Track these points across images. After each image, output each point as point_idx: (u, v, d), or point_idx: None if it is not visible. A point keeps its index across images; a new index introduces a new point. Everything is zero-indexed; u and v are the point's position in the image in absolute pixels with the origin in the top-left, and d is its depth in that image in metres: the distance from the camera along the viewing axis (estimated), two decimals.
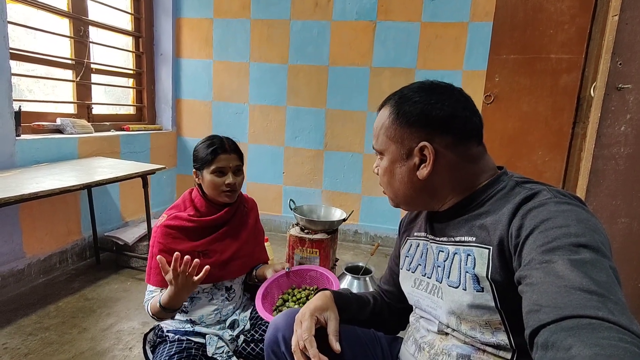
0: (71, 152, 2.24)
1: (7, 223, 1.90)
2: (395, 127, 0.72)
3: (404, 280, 0.84)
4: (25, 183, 1.62)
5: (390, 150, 0.73)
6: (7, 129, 1.88)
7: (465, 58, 2.67)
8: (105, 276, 2.19)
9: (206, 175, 1.25)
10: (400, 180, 0.73)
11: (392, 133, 0.72)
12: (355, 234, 3.03)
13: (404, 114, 0.71)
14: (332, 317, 0.78)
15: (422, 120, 0.69)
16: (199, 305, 1.27)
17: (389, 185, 0.76)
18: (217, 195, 1.26)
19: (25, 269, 2.01)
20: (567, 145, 2.12)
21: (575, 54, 2.15)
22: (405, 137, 0.71)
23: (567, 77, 2.18)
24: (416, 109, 0.70)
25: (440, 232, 0.76)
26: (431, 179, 0.71)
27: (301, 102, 2.98)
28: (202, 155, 1.25)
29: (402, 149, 0.71)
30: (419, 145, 0.69)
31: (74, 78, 2.41)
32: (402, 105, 0.71)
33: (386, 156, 0.75)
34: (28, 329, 1.67)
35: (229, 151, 1.27)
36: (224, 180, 1.25)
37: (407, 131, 0.70)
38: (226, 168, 1.26)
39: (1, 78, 1.83)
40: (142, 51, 2.98)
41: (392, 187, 0.76)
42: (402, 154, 0.72)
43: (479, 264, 0.64)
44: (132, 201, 2.65)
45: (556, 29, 2.17)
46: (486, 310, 0.63)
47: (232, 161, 1.27)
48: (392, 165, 0.74)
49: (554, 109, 2.16)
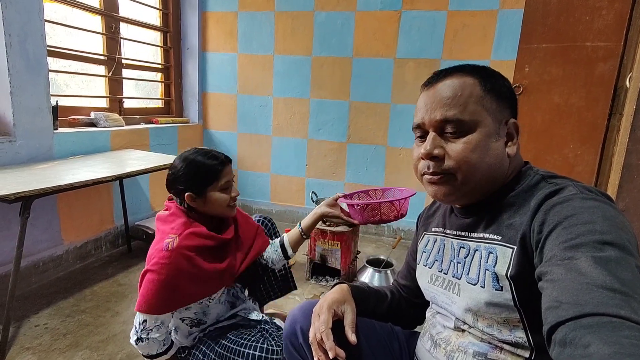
0: (104, 145, 2.35)
1: (46, 212, 2.02)
2: (490, 98, 0.67)
3: (421, 275, 0.84)
4: (62, 174, 1.72)
5: (486, 122, 0.66)
6: (46, 123, 1.99)
7: (493, 48, 2.58)
8: (136, 263, 2.30)
9: (213, 194, 1.14)
10: (496, 157, 0.67)
11: (488, 104, 0.67)
12: (377, 227, 3.02)
13: (494, 87, 0.68)
14: (349, 310, 0.79)
15: (509, 96, 0.69)
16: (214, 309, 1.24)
17: (479, 162, 0.66)
18: (223, 211, 1.18)
19: (63, 255, 2.14)
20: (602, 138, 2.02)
21: (613, 42, 2.04)
22: (500, 111, 0.68)
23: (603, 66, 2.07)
24: (505, 84, 0.70)
25: (461, 228, 0.75)
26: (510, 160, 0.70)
27: (324, 94, 2.98)
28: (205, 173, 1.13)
29: (496, 122, 0.68)
30: (510, 121, 0.69)
31: (106, 73, 2.51)
32: (488, 78, 0.69)
33: (480, 129, 0.66)
34: (66, 310, 1.78)
35: (228, 160, 1.18)
36: (230, 194, 1.18)
37: (500, 105, 0.68)
38: (230, 181, 1.18)
39: (40, 74, 1.93)
40: (170, 46, 3.06)
41: (482, 166, 0.66)
42: (497, 128, 0.68)
43: (500, 263, 0.63)
44: (161, 192, 2.75)
45: (593, 15, 2.06)
46: (504, 308, 0.63)
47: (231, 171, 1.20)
48: (488, 140, 0.66)
49: (587, 100, 2.06)
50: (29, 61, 1.87)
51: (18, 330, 1.62)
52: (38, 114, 1.95)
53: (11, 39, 1.77)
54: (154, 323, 1.07)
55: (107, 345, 1.56)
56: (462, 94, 0.66)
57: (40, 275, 2.01)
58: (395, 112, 2.84)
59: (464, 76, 0.68)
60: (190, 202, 1.14)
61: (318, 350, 0.73)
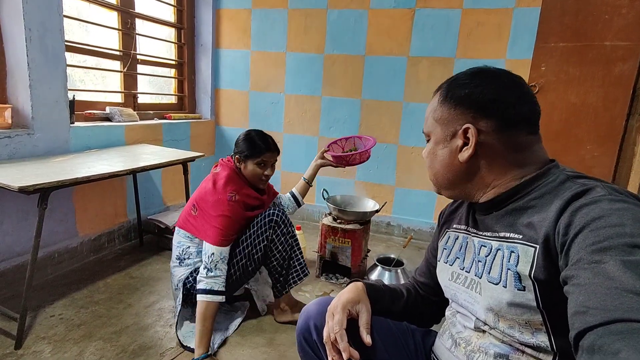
0: (119, 139, 2.38)
1: (62, 205, 2.05)
2: (442, 109, 0.73)
3: (441, 272, 0.83)
4: (78, 167, 1.75)
5: (435, 132, 0.75)
6: (63, 116, 2.03)
7: (509, 46, 2.55)
8: (148, 257, 2.33)
9: (250, 165, 1.59)
10: (441, 162, 0.74)
11: (439, 115, 0.73)
12: (388, 225, 3.01)
13: (452, 96, 0.71)
14: (364, 310, 0.78)
15: (466, 101, 0.70)
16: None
17: (431, 168, 0.78)
18: (255, 181, 1.62)
19: (78, 247, 2.17)
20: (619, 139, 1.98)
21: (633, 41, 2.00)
22: (451, 119, 0.71)
23: (622, 65, 2.03)
24: (462, 91, 0.70)
25: (482, 226, 0.74)
26: (472, 163, 0.70)
27: (336, 92, 2.98)
28: (251, 148, 1.57)
29: (447, 130, 0.72)
30: (462, 127, 0.69)
31: (121, 69, 2.54)
32: (451, 87, 0.72)
33: (432, 138, 0.76)
34: (80, 302, 1.81)
35: (273, 150, 1.62)
36: (264, 172, 1.61)
37: (453, 113, 0.71)
38: (268, 162, 1.62)
39: (58, 69, 1.96)
40: (184, 42, 3.08)
41: (434, 169, 0.77)
42: (446, 136, 0.72)
43: (523, 262, 0.62)
44: (173, 187, 2.78)
45: (612, 14, 2.02)
46: (527, 309, 0.61)
47: (273, 158, 1.64)
48: (436, 147, 0.75)
49: (605, 100, 2.03)
50: (48, 55, 1.90)
51: (34, 319, 1.65)
52: (55, 108, 1.98)
53: (31, 34, 1.80)
54: (219, 255, 1.47)
55: (120, 337, 1.58)
56: (428, 109, 0.78)
57: (55, 266, 2.05)
58: (407, 111, 2.82)
59: (438, 92, 0.76)
60: (236, 163, 1.61)
61: (332, 351, 0.73)
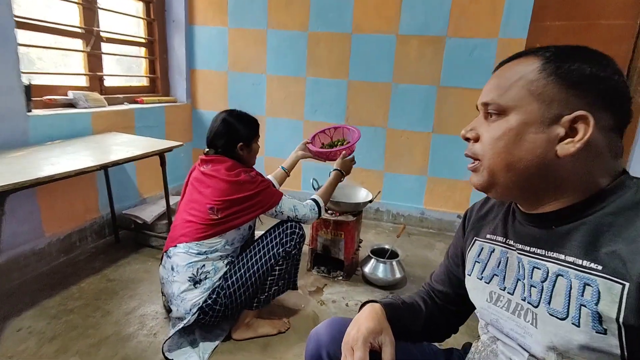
0: (85, 128, 2.15)
1: (25, 202, 1.85)
2: (549, 83, 0.56)
3: (475, 290, 0.72)
4: (40, 164, 1.55)
5: (528, 109, 0.57)
6: (18, 104, 1.79)
7: (502, 25, 2.44)
8: (126, 255, 2.16)
9: (254, 145, 1.55)
10: (530, 150, 0.57)
11: (539, 89, 0.56)
12: (377, 211, 2.94)
13: (567, 72, 0.55)
14: (388, 342, 0.68)
15: (591, 84, 0.55)
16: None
17: (504, 152, 0.59)
18: (254, 159, 1.58)
19: (45, 247, 1.98)
20: None
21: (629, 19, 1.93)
22: (559, 100, 0.56)
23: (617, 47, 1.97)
24: (585, 69, 0.55)
25: (532, 242, 0.62)
26: (567, 162, 0.56)
27: (322, 73, 2.81)
28: (254, 128, 1.52)
29: (548, 111, 0.56)
30: (574, 113, 0.54)
31: (83, 48, 2.28)
32: (564, 60, 0.56)
33: (514, 114, 0.58)
34: (52, 311, 1.65)
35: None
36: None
37: (565, 93, 0.55)
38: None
39: (7, 49, 1.72)
40: (154, 17, 2.81)
41: (507, 156, 0.59)
42: (546, 118, 0.56)
43: (606, 301, 0.51)
44: (149, 178, 2.58)
45: None
46: (604, 355, 0.52)
47: None
48: (524, 127, 0.57)
49: None
50: None
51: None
52: (8, 94, 1.74)
53: None
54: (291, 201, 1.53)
55: (99, 350, 1.44)
56: (510, 76, 0.60)
57: (21, 270, 1.86)
58: (396, 92, 2.70)
59: (528, 57, 0.60)
60: (240, 151, 1.49)
61: None
